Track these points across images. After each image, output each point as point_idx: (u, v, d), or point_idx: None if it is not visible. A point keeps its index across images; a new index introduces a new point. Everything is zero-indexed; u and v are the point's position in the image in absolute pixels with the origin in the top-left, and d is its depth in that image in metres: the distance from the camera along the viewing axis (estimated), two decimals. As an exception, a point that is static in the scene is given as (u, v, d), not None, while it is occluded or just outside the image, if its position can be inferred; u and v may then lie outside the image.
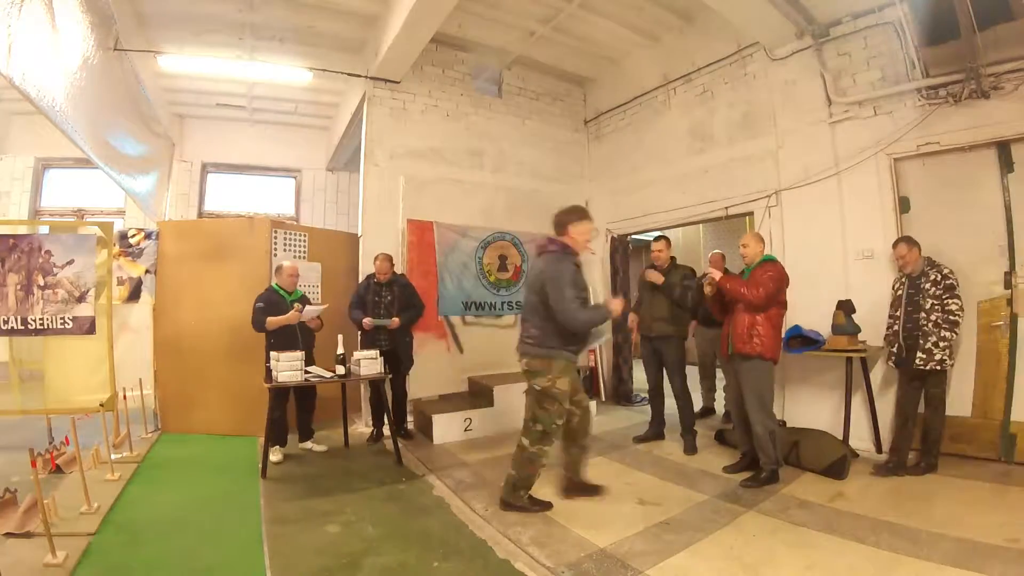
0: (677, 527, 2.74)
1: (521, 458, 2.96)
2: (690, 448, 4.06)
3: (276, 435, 3.91)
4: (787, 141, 4.53)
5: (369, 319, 4.29)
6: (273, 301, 4.03)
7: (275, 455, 3.88)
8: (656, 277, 4.20)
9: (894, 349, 3.49)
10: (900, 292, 3.50)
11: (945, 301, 3.25)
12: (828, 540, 2.52)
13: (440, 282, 5.33)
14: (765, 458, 3.30)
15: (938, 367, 3.24)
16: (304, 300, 4.22)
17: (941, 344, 3.22)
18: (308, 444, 4.25)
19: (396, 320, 4.33)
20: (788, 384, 4.45)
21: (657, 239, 4.41)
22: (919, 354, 3.29)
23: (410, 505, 3.13)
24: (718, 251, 4.96)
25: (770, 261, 3.45)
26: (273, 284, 4.19)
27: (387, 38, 4.80)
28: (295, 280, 4.21)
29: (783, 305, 3.39)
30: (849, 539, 2.51)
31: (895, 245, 3.55)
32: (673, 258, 4.42)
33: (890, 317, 3.55)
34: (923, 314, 3.31)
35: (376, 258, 4.47)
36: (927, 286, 3.33)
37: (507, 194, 6.02)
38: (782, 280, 3.34)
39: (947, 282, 3.28)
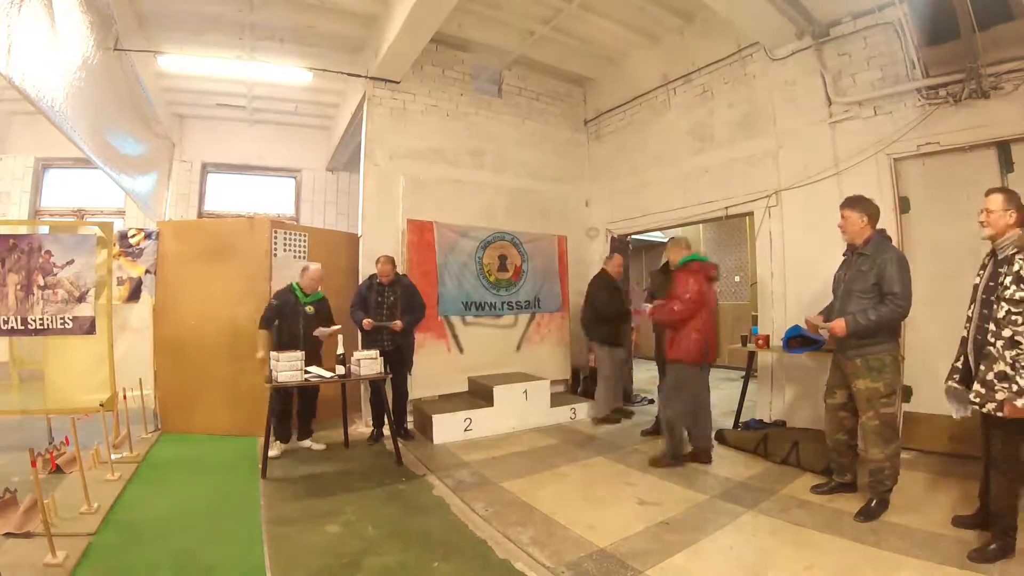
0: (677, 527, 2.74)
1: None
2: None
3: (279, 431, 4.02)
4: (787, 141, 4.53)
5: (370, 320, 4.29)
6: (288, 301, 4.09)
7: (274, 449, 3.94)
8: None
9: None
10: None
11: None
12: (828, 540, 2.52)
13: (440, 282, 5.33)
14: (668, 444, 3.70)
15: None
16: (322, 303, 4.27)
17: None
18: (307, 443, 4.27)
19: (399, 323, 4.33)
20: (788, 384, 4.45)
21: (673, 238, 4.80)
22: None
23: (410, 505, 3.13)
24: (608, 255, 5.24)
25: (686, 264, 3.72)
26: (294, 283, 4.20)
27: (387, 38, 4.80)
28: (316, 284, 4.23)
29: (704, 307, 3.62)
30: (849, 539, 2.51)
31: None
32: None
33: None
34: None
35: (378, 260, 4.47)
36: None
37: (507, 194, 6.03)
38: (697, 289, 3.59)
39: None
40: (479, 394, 5.08)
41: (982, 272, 2.40)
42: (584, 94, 6.82)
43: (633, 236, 6.48)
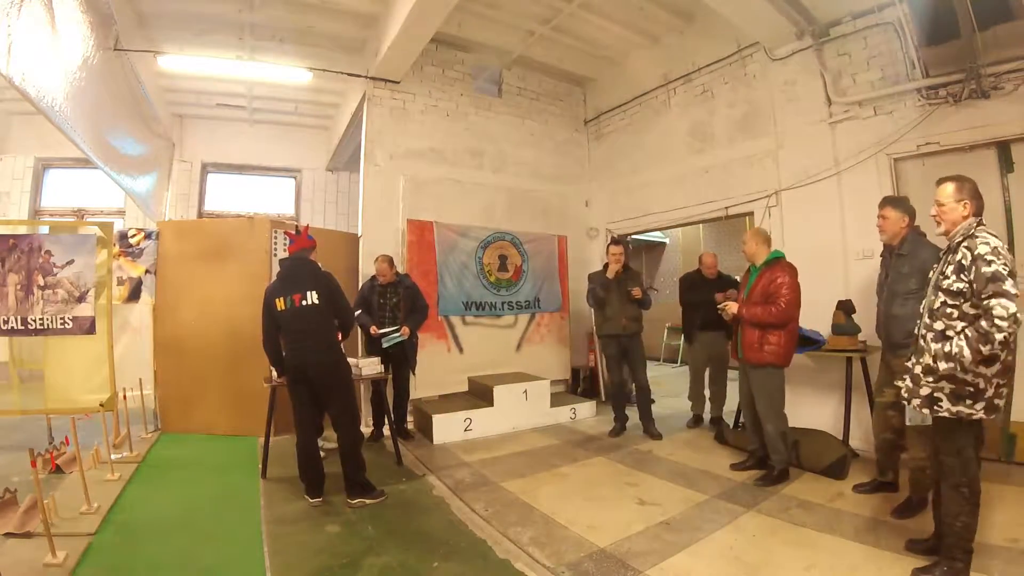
0: (677, 527, 2.74)
1: None
2: (656, 434, 4.43)
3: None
4: (787, 141, 4.53)
5: (375, 328, 4.26)
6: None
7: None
8: (637, 294, 4.48)
9: None
10: None
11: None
12: (828, 540, 2.52)
13: (440, 282, 5.33)
14: (777, 457, 3.37)
15: None
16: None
17: None
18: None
19: (407, 330, 4.33)
20: (788, 384, 4.40)
21: (616, 243, 4.83)
22: None
23: (410, 505, 3.14)
24: (710, 253, 4.98)
25: (776, 261, 3.40)
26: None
27: (387, 38, 4.80)
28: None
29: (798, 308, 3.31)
30: (849, 539, 2.51)
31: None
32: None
33: None
34: None
35: (376, 260, 4.47)
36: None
37: (507, 194, 6.03)
38: (797, 285, 3.29)
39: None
40: (479, 394, 5.08)
41: (936, 267, 2.27)
42: (584, 94, 6.82)
43: (633, 236, 6.48)
